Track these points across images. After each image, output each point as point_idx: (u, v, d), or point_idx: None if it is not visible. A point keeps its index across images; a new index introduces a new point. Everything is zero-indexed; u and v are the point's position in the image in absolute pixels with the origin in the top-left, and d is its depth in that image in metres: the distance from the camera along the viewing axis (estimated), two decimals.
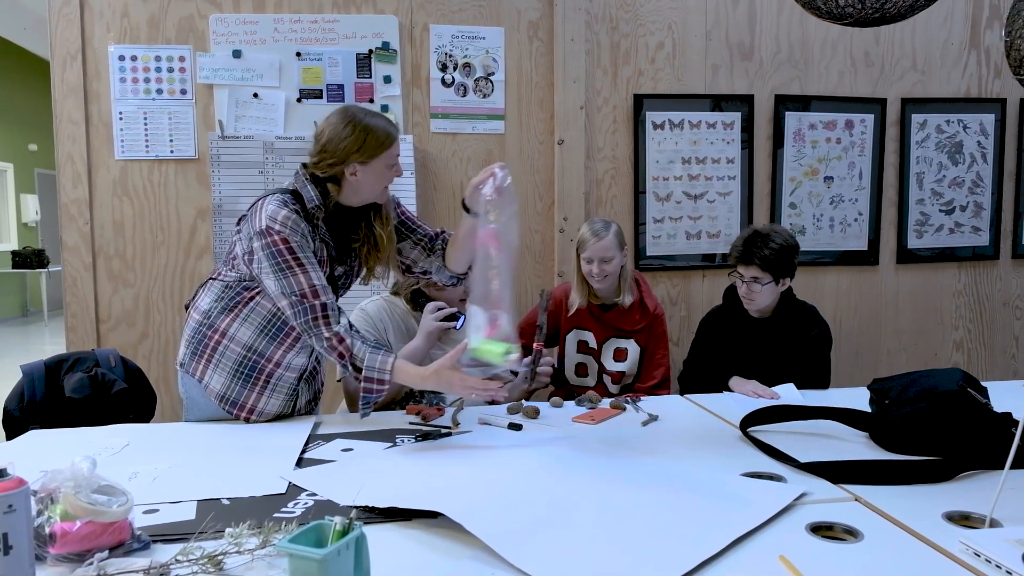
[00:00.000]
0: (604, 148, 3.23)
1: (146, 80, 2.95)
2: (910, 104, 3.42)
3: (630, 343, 2.53)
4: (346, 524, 0.96)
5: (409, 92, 3.09)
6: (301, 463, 1.54)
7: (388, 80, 3.06)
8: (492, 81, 3.13)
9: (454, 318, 2.14)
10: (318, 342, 1.75)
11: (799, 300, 2.47)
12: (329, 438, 1.71)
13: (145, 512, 1.25)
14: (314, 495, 1.34)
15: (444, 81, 3.10)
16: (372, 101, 3.03)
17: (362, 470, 1.48)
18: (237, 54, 2.96)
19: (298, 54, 2.99)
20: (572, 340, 2.59)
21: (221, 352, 1.85)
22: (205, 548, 1.07)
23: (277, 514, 1.25)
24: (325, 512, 1.22)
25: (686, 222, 3.31)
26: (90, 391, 2.15)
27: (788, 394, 2.15)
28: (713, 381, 2.30)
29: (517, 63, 3.15)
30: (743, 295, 2.38)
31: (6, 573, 0.93)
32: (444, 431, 1.76)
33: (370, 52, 3.03)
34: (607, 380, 2.56)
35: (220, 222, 2.97)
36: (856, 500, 1.32)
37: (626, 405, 2.02)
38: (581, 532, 1.15)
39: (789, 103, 3.32)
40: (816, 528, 1.19)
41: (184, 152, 2.98)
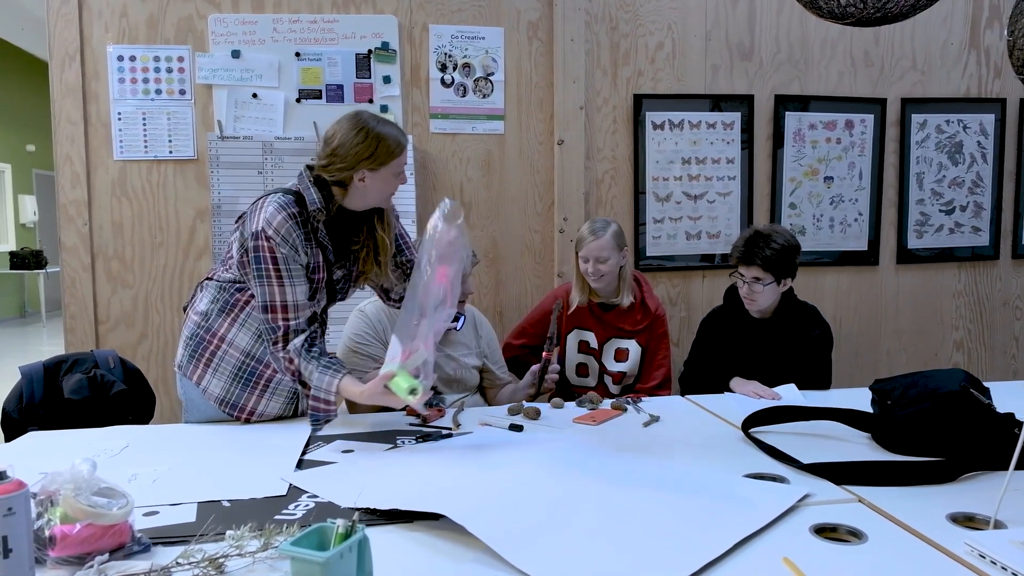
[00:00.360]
0: (604, 148, 3.22)
1: (145, 80, 2.94)
2: (910, 104, 3.41)
3: (631, 343, 2.52)
4: (349, 527, 0.95)
5: (408, 92, 3.08)
6: (302, 465, 1.53)
7: (387, 80, 3.05)
8: (492, 81, 3.12)
9: (455, 318, 2.14)
10: (273, 358, 1.80)
11: (800, 300, 2.47)
12: (329, 439, 1.71)
13: (145, 514, 1.24)
14: (315, 497, 1.34)
15: (444, 81, 3.10)
16: (371, 101, 3.03)
17: (363, 472, 1.48)
18: (236, 54, 2.95)
19: (297, 54, 2.98)
20: (573, 340, 2.58)
21: (220, 357, 1.85)
22: (206, 551, 1.07)
23: (278, 516, 1.24)
24: (326, 514, 1.22)
25: (686, 222, 3.30)
26: (89, 392, 2.14)
27: (789, 395, 2.15)
28: (714, 382, 2.30)
29: (517, 63, 3.14)
30: (744, 295, 2.38)
31: None
32: (445, 432, 1.76)
33: (369, 52, 3.03)
34: (608, 380, 2.55)
35: (219, 223, 2.96)
36: (859, 501, 1.32)
37: (627, 406, 2.01)
38: (583, 534, 1.15)
39: (789, 103, 3.32)
40: (820, 530, 1.19)
41: (183, 152, 2.97)
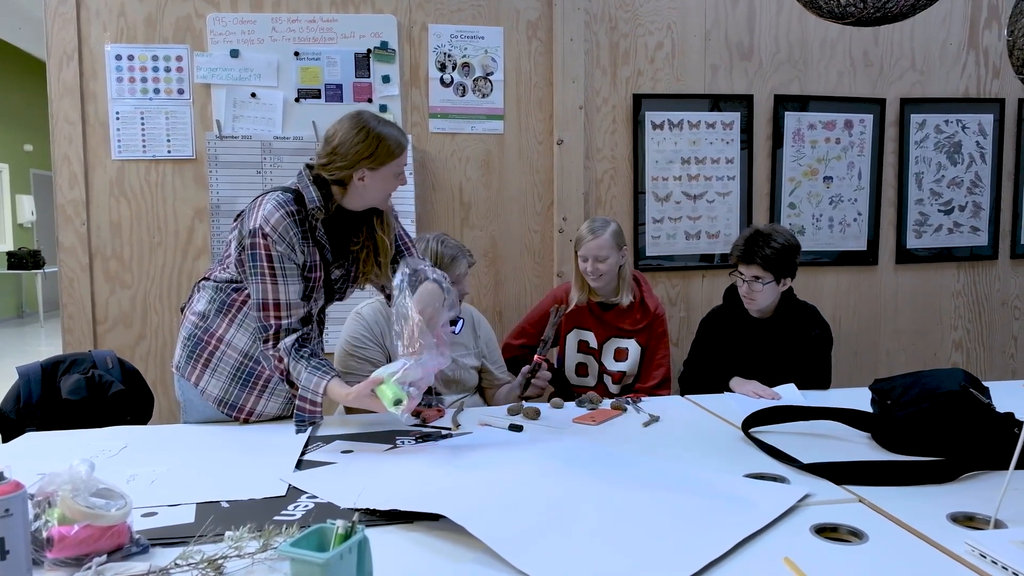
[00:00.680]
0: (603, 148, 3.22)
1: (143, 80, 2.93)
2: (909, 104, 3.42)
3: (631, 343, 2.52)
4: (348, 527, 0.95)
5: (408, 92, 3.07)
6: (301, 465, 1.53)
7: (387, 80, 3.04)
8: (491, 81, 3.12)
9: (453, 322, 2.13)
10: (263, 356, 1.80)
11: (800, 300, 2.47)
12: (329, 440, 1.70)
13: (144, 515, 1.24)
14: (314, 497, 1.33)
15: (443, 81, 3.09)
16: (371, 101, 3.02)
17: (362, 472, 1.47)
18: (235, 54, 2.95)
19: (296, 54, 2.98)
20: (572, 340, 2.58)
21: (218, 358, 1.84)
22: (205, 552, 1.06)
23: (277, 517, 1.24)
24: (325, 515, 1.22)
25: (685, 222, 3.30)
26: (87, 393, 2.13)
27: (789, 394, 2.15)
28: (713, 381, 2.30)
29: (516, 63, 3.14)
30: (744, 295, 2.38)
31: None
32: (444, 432, 1.76)
33: (368, 52, 3.02)
34: (607, 380, 2.55)
35: (218, 223, 2.95)
36: (860, 501, 1.31)
37: (627, 406, 2.01)
38: (583, 534, 1.14)
39: (788, 103, 3.32)
40: (820, 529, 1.19)
41: (181, 152, 2.96)
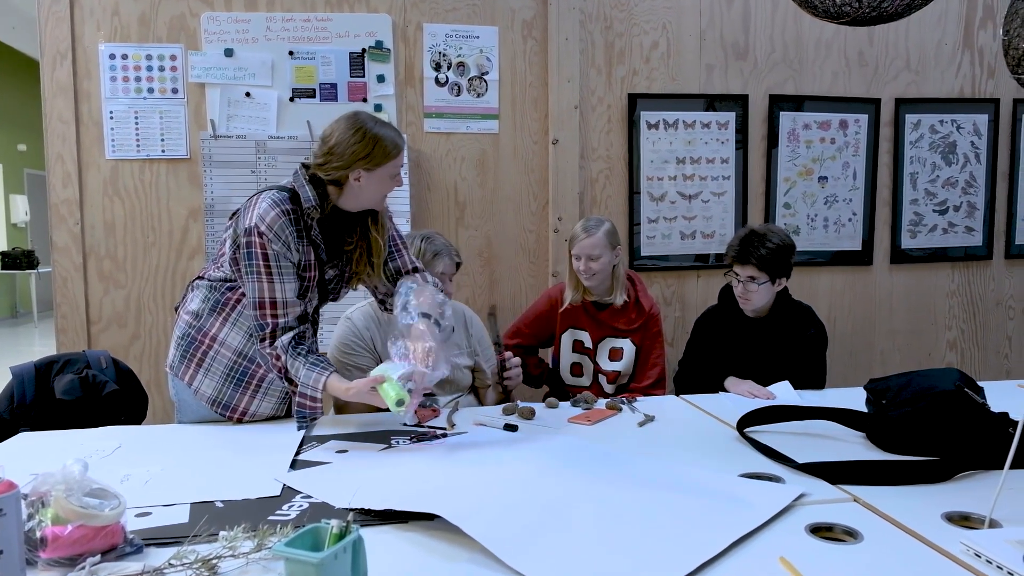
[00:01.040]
0: (598, 148, 3.22)
1: (137, 79, 2.92)
2: (904, 104, 3.42)
3: (626, 342, 2.52)
4: (343, 527, 0.95)
5: (403, 91, 3.07)
6: (295, 465, 1.52)
7: (381, 79, 3.04)
8: (486, 80, 3.11)
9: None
10: (260, 354, 1.79)
11: (795, 300, 2.47)
12: (323, 440, 1.70)
13: (137, 515, 1.23)
14: (309, 497, 1.33)
15: (438, 80, 3.09)
16: (365, 100, 3.02)
17: (357, 472, 1.47)
18: (229, 53, 2.94)
19: (291, 53, 2.97)
20: (567, 340, 2.58)
21: (212, 357, 1.84)
22: (199, 552, 1.06)
23: (272, 517, 1.23)
24: (320, 515, 1.21)
25: (680, 222, 3.30)
26: (81, 393, 2.12)
27: (784, 392, 2.15)
28: (709, 381, 2.30)
29: (511, 62, 3.13)
30: (739, 295, 2.38)
31: None
32: (439, 432, 1.75)
33: (363, 51, 3.02)
34: (602, 380, 2.55)
35: (212, 222, 2.95)
36: (855, 501, 1.31)
37: (622, 406, 2.01)
38: (579, 534, 1.14)
39: (783, 103, 3.32)
40: (816, 529, 1.19)
41: (175, 152, 2.95)
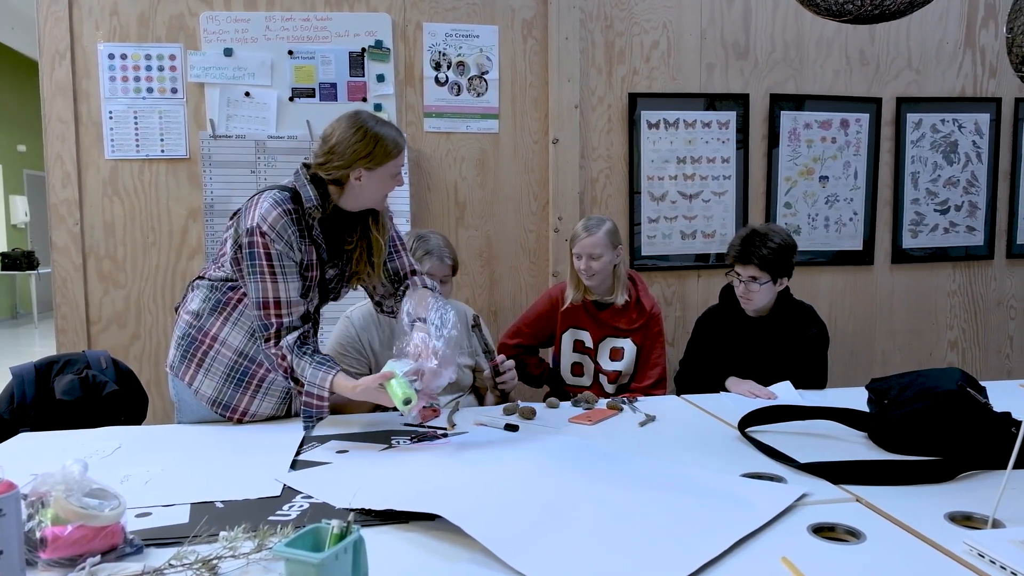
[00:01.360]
0: (599, 147, 3.22)
1: (136, 79, 2.92)
2: (905, 103, 3.42)
3: (626, 342, 2.51)
4: (344, 527, 0.94)
5: (402, 91, 3.07)
6: (296, 465, 1.52)
7: (381, 79, 3.03)
8: (486, 80, 3.11)
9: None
10: (265, 355, 1.78)
11: (796, 299, 2.47)
12: (324, 440, 1.69)
13: (138, 516, 1.23)
14: (309, 497, 1.32)
15: (438, 80, 3.08)
16: (365, 100, 3.01)
17: (358, 472, 1.47)
18: (228, 52, 2.94)
19: (290, 52, 2.97)
20: (568, 339, 2.57)
21: (212, 357, 1.83)
22: (199, 552, 1.05)
23: (272, 517, 1.23)
24: (321, 515, 1.21)
25: (681, 222, 3.30)
26: (81, 393, 2.12)
27: (785, 392, 2.14)
28: (710, 381, 2.29)
29: (511, 62, 3.13)
30: (741, 295, 2.37)
31: None
32: (440, 432, 1.75)
33: (363, 50, 3.01)
34: (603, 380, 2.54)
35: (212, 222, 2.94)
36: (857, 500, 1.31)
37: (623, 406, 2.00)
38: (580, 534, 1.14)
39: (784, 102, 3.32)
40: (818, 529, 1.18)
41: (175, 151, 2.95)
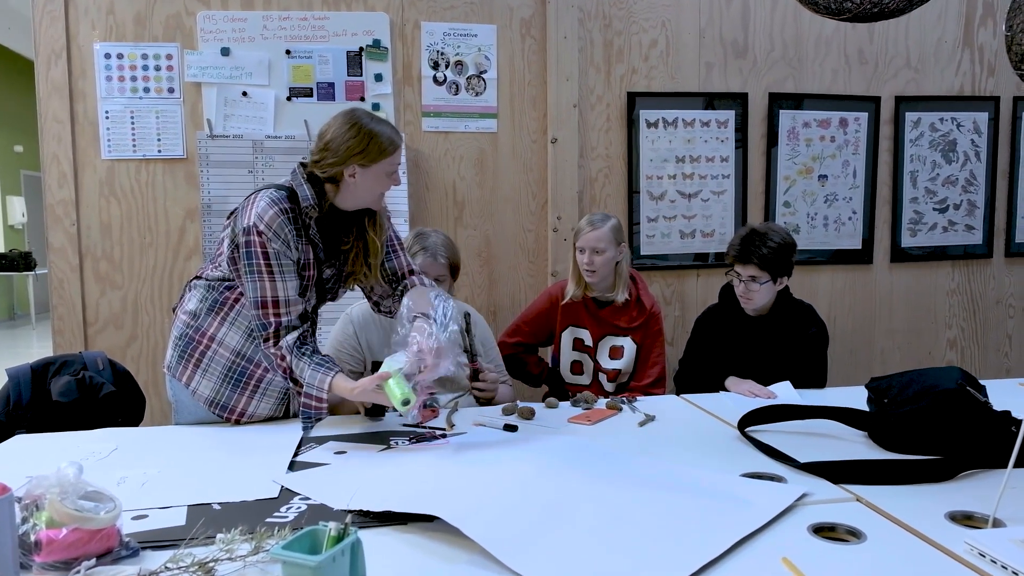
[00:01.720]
0: (597, 147, 3.21)
1: (133, 78, 2.91)
2: (904, 102, 3.42)
3: (626, 341, 2.51)
4: (341, 529, 0.94)
5: (400, 90, 3.06)
6: (293, 466, 1.51)
7: (379, 78, 3.03)
8: (484, 79, 3.10)
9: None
10: (264, 355, 1.77)
11: (796, 299, 2.46)
12: (322, 440, 1.69)
13: (134, 518, 1.22)
14: (307, 499, 1.32)
15: (436, 79, 3.08)
16: (363, 99, 3.00)
17: (356, 473, 1.46)
18: (225, 52, 2.93)
19: (288, 52, 2.96)
20: (568, 338, 2.57)
21: (210, 358, 1.82)
22: (196, 555, 1.05)
23: (269, 519, 1.22)
24: (318, 517, 1.20)
25: (680, 221, 3.29)
26: (77, 395, 2.11)
27: (785, 392, 2.14)
28: (709, 381, 2.29)
29: (509, 61, 3.12)
30: (741, 294, 2.37)
31: None
32: (439, 433, 1.74)
33: (361, 50, 3.00)
34: (602, 378, 2.54)
35: (209, 222, 2.93)
36: (857, 500, 1.30)
37: (622, 405, 2.00)
38: (580, 535, 1.13)
39: (783, 101, 3.31)
40: (818, 529, 1.18)
41: (172, 151, 2.94)
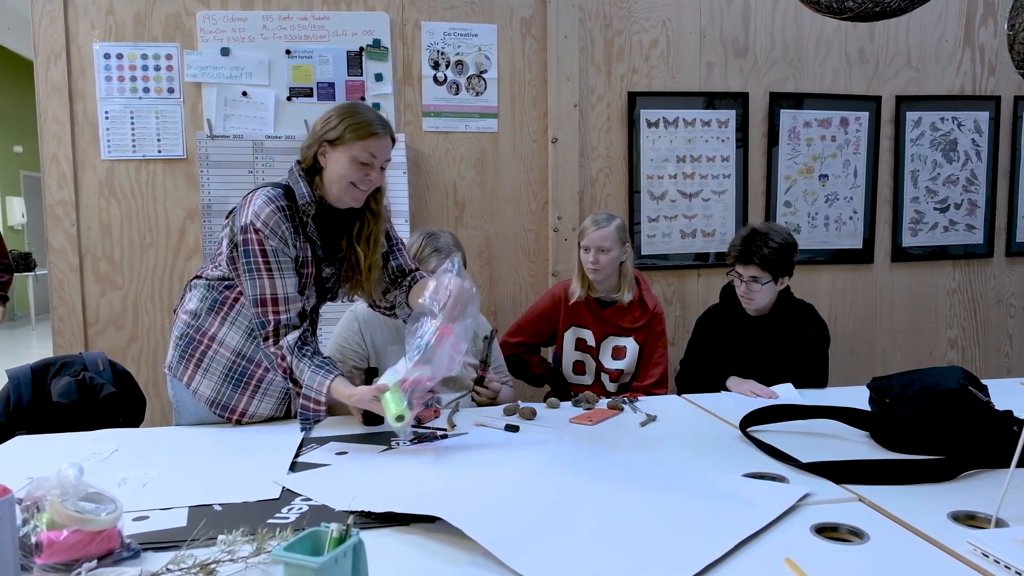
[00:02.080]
0: (598, 146, 3.21)
1: (132, 79, 2.90)
2: (905, 102, 3.41)
3: (629, 341, 2.50)
4: (343, 531, 0.93)
5: (401, 90, 3.05)
6: (295, 467, 1.51)
7: (379, 78, 3.02)
8: (485, 79, 3.10)
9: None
10: (264, 353, 1.76)
11: (797, 299, 2.46)
12: (323, 441, 1.68)
13: (135, 519, 1.21)
14: (309, 500, 1.31)
15: (436, 79, 3.07)
16: (363, 99, 3.00)
17: (357, 474, 1.45)
18: (225, 52, 2.92)
19: (288, 52, 2.96)
20: (570, 337, 2.56)
21: (210, 358, 1.82)
22: (197, 556, 1.04)
23: (271, 520, 1.22)
24: (320, 518, 1.20)
25: (681, 221, 3.29)
26: (78, 395, 2.11)
27: (786, 394, 2.14)
28: (710, 381, 2.28)
29: (510, 60, 3.12)
30: (742, 295, 2.37)
31: None
32: (440, 433, 1.74)
33: (361, 50, 3.00)
34: (604, 378, 2.54)
35: (209, 223, 2.93)
36: (860, 500, 1.30)
37: (624, 406, 1.99)
38: (582, 536, 1.13)
39: (784, 101, 3.31)
40: (821, 529, 1.18)
41: (172, 152, 2.94)
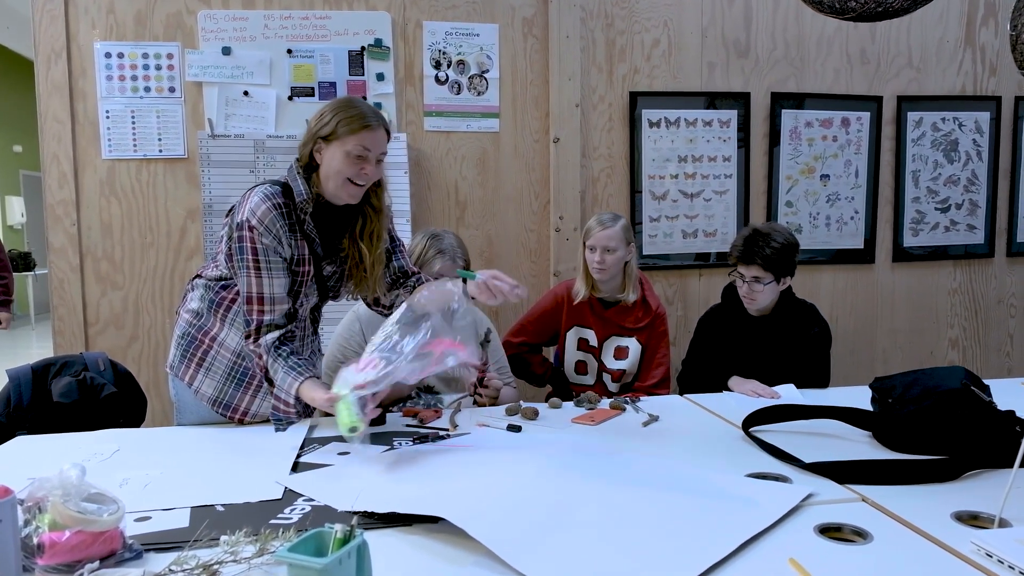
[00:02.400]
0: (600, 146, 3.20)
1: (133, 78, 2.90)
2: (906, 102, 3.41)
3: (631, 341, 2.50)
4: (347, 531, 0.93)
5: (402, 90, 3.05)
6: (297, 467, 1.50)
7: (381, 78, 3.02)
8: (486, 78, 3.10)
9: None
10: (246, 351, 1.78)
11: (798, 298, 2.46)
12: (325, 441, 1.68)
13: (137, 520, 1.21)
14: (311, 500, 1.31)
15: (438, 79, 3.07)
16: (365, 99, 3.00)
17: (360, 474, 1.45)
18: (227, 51, 2.92)
19: (289, 51, 2.95)
20: (572, 337, 2.56)
21: (212, 357, 1.82)
22: (200, 557, 1.04)
23: (274, 520, 1.21)
24: (323, 518, 1.20)
25: (682, 221, 3.29)
26: (78, 395, 2.10)
27: (788, 394, 2.13)
28: (712, 381, 2.28)
29: (511, 60, 3.12)
30: (744, 295, 2.36)
31: None
32: (442, 433, 1.74)
33: (362, 49, 3.00)
34: (607, 378, 2.53)
35: (210, 222, 2.93)
36: (863, 500, 1.30)
37: (626, 406, 1.99)
38: (585, 536, 1.13)
39: (785, 101, 3.31)
40: (824, 529, 1.17)
41: (173, 151, 2.93)
